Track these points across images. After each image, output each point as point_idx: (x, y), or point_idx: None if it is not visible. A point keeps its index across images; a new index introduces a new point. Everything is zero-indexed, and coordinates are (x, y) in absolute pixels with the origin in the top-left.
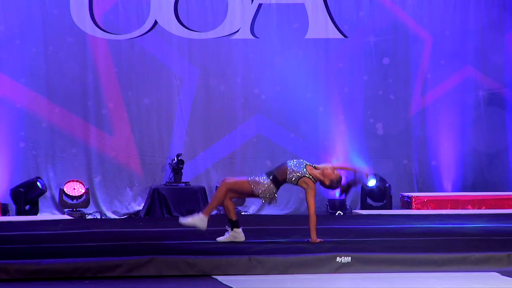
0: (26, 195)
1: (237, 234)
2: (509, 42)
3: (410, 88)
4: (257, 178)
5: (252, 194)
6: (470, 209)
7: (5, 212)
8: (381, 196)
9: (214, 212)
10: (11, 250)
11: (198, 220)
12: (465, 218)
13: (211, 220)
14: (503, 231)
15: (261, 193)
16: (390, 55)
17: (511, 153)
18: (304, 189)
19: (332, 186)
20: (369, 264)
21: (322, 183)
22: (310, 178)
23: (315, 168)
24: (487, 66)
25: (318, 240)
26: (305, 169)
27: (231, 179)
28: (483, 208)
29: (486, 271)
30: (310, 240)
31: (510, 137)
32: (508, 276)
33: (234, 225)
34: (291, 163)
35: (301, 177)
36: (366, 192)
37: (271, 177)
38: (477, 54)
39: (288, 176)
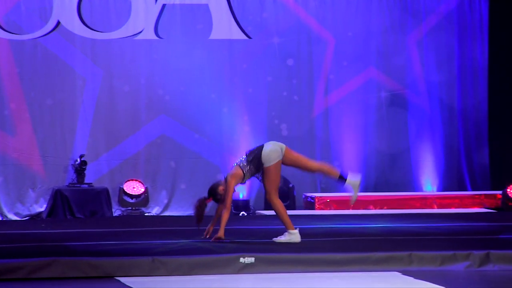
0: None
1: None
2: (411, 44)
3: (313, 89)
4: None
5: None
6: (372, 209)
7: None
8: (284, 196)
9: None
10: None
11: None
12: (367, 218)
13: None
14: (405, 231)
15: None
16: (294, 56)
17: (413, 154)
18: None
19: (214, 197)
20: (272, 265)
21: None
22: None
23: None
24: (389, 68)
25: (224, 237)
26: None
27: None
28: (385, 208)
29: (388, 270)
30: (216, 235)
31: (411, 137)
32: (409, 276)
33: None
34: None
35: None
36: None
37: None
38: (380, 56)
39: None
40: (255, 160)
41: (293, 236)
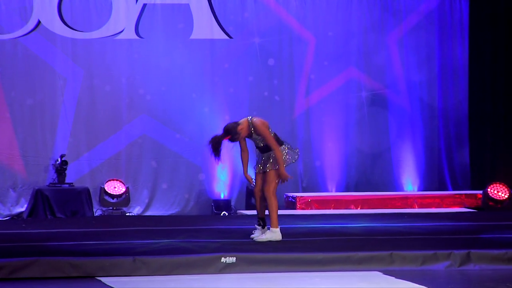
0: None
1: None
2: (391, 43)
3: (295, 89)
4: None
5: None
6: (353, 209)
7: None
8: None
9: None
10: None
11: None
12: (348, 218)
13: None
14: (386, 230)
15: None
16: (275, 56)
17: (394, 153)
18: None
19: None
20: (253, 264)
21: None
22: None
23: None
24: (370, 67)
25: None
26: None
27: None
28: (366, 207)
29: (369, 270)
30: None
31: (392, 137)
32: (390, 275)
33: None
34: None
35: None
36: (251, 192)
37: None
38: (360, 55)
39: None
40: (278, 140)
41: (274, 234)
